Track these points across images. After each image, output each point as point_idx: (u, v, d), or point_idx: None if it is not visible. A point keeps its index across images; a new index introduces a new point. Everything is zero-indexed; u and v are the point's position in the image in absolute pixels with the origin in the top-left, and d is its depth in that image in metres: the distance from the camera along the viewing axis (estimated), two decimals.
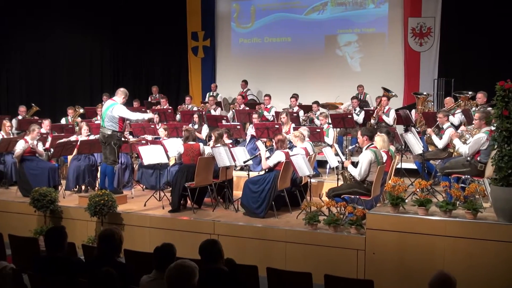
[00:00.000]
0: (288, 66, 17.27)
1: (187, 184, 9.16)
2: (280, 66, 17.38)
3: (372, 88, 14.93)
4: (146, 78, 19.00)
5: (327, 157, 9.52)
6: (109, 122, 9.44)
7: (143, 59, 18.85)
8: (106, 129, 9.46)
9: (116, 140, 9.56)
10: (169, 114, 14.33)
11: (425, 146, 10.40)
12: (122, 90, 9.73)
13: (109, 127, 9.45)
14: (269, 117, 13.88)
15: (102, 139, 9.54)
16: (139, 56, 18.82)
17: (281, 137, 9.21)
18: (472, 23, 14.58)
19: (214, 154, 9.25)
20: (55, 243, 5.22)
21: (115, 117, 9.43)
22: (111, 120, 9.44)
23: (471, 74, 14.45)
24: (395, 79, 15.60)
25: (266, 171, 9.20)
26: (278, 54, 17.49)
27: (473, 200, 7.36)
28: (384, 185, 8.14)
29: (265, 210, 8.80)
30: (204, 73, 18.53)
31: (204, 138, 12.88)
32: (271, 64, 17.51)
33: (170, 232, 8.64)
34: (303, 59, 17.13)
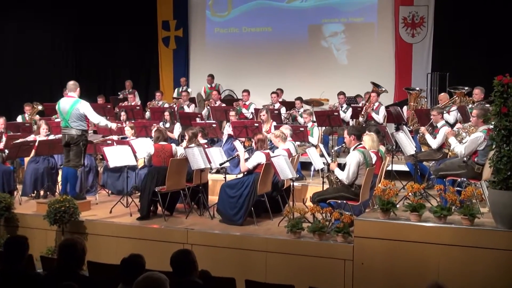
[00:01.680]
0: (269, 58, 17.28)
1: (157, 188, 9.11)
2: (259, 59, 17.38)
3: (360, 83, 15.00)
4: (112, 72, 18.89)
5: (312, 159, 9.54)
6: (76, 122, 9.36)
7: (108, 51, 18.72)
8: (74, 129, 9.36)
9: (85, 140, 9.49)
10: (137, 111, 14.26)
11: (417, 146, 10.47)
12: (73, 83, 9.63)
13: (77, 127, 9.37)
14: (247, 115, 13.88)
15: (70, 141, 9.43)
16: (104, 48, 18.68)
17: (261, 137, 9.21)
18: (469, 12, 14.71)
19: (188, 156, 9.22)
20: (14, 256, 5.15)
21: (83, 114, 9.37)
22: (79, 119, 9.37)
23: (468, 68, 14.57)
24: (385, 73, 15.69)
25: (244, 174, 9.19)
26: (258, 45, 17.49)
27: (470, 205, 7.41)
28: (374, 189, 8.18)
29: (244, 217, 8.79)
30: (176, 66, 18.46)
31: (176, 137, 12.83)
32: (250, 57, 17.51)
33: (139, 242, 8.59)
34: (285, 51, 17.15)
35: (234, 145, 10.87)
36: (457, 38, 14.98)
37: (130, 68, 18.70)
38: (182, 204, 9.77)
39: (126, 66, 18.73)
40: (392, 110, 12.76)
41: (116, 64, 18.85)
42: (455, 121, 11.31)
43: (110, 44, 18.65)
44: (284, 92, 15.38)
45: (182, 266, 4.75)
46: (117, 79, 18.06)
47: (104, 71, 18.99)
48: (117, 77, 18.22)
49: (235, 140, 11.47)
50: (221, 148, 10.39)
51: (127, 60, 18.75)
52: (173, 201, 9.53)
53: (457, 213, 7.38)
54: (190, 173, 9.55)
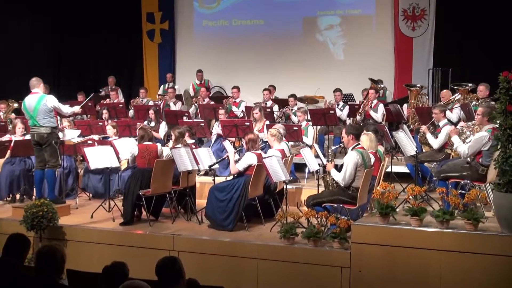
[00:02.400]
0: (260, 53, 17.29)
1: (141, 191, 9.10)
2: (250, 54, 17.40)
3: (358, 79, 15.04)
4: (94, 68, 18.83)
5: (306, 160, 9.55)
6: (45, 118, 9.33)
7: (89, 45, 18.67)
8: (43, 127, 9.33)
9: (56, 138, 9.46)
10: (120, 109, 14.23)
11: (418, 146, 10.50)
12: (36, 79, 9.60)
13: (46, 124, 9.33)
14: (238, 113, 13.88)
15: (40, 141, 9.40)
16: (85, 41, 18.63)
17: (252, 137, 9.21)
18: (473, 3, 14.77)
19: (174, 156, 9.21)
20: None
21: (51, 109, 9.33)
22: (47, 115, 9.33)
23: (472, 63, 14.64)
24: (384, 69, 15.73)
25: (234, 176, 9.18)
26: (249, 39, 17.50)
27: (474, 209, 7.43)
28: (372, 191, 8.20)
29: (234, 222, 8.79)
30: (162, 62, 18.45)
31: (162, 137, 12.81)
32: (240, 51, 17.51)
33: (122, 249, 8.57)
34: (278, 46, 17.16)
35: (224, 146, 10.86)
36: (461, 31, 15.04)
37: (112, 63, 18.66)
38: (168, 208, 9.74)
39: (108, 61, 18.69)
40: (391, 108, 12.79)
41: (97, 59, 18.81)
42: (458, 119, 11.33)
43: (91, 38, 18.61)
44: (277, 89, 15.39)
45: (168, 275, 4.75)
46: (98, 75, 18.00)
47: (85, 66, 18.94)
48: (99, 73, 18.17)
49: (225, 140, 11.47)
50: (209, 148, 10.39)
51: (109, 55, 18.71)
52: (158, 205, 9.52)
53: (460, 217, 7.40)
54: (176, 176, 9.53)
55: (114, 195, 10.48)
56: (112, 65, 18.55)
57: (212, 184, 9.40)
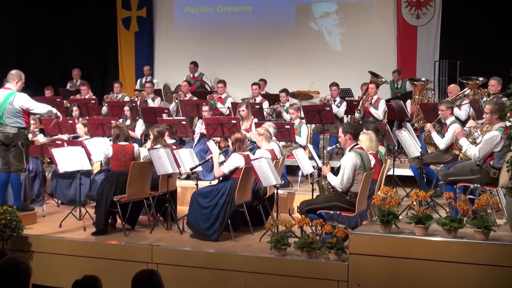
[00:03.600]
0: (249, 44, 17.29)
1: (116, 197, 9.08)
2: (238, 44, 17.38)
3: (356, 73, 15.06)
4: (63, 59, 18.75)
5: (299, 162, 9.56)
6: (11, 118, 9.28)
7: (58, 34, 18.58)
8: (9, 127, 9.29)
9: (24, 139, 9.42)
10: (93, 106, 14.18)
11: (423, 146, 10.53)
12: (14, 73, 9.53)
13: (12, 124, 9.29)
14: (223, 110, 13.87)
15: (5, 141, 9.36)
16: (53, 30, 18.54)
17: (239, 136, 9.21)
18: None
19: (152, 158, 9.20)
20: None
21: (18, 109, 9.29)
22: (14, 114, 9.28)
23: (482, 55, 14.69)
24: (386, 61, 15.76)
25: (220, 180, 9.18)
26: (236, 28, 17.50)
27: (485, 216, 7.47)
28: (372, 197, 8.22)
29: (219, 231, 8.79)
30: (139, 53, 18.40)
31: (138, 137, 12.79)
32: (227, 42, 17.49)
33: (94, 261, 8.54)
34: (268, 35, 17.17)
35: (208, 146, 10.86)
36: (470, 20, 15.08)
37: (84, 54, 18.58)
38: (145, 216, 9.74)
39: (78, 52, 18.59)
40: (393, 105, 12.82)
41: (67, 50, 18.70)
42: (467, 117, 11.38)
43: (60, 27, 18.51)
44: (267, 84, 15.39)
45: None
46: (68, 67, 17.91)
47: (53, 58, 18.83)
48: (68, 65, 18.08)
49: (209, 140, 11.46)
50: (192, 149, 10.38)
51: (80, 45, 18.60)
52: (135, 212, 9.50)
53: (469, 225, 7.43)
54: (155, 179, 9.52)
55: (86, 201, 10.45)
56: (83, 57, 18.47)
57: (195, 189, 9.37)
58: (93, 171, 10.69)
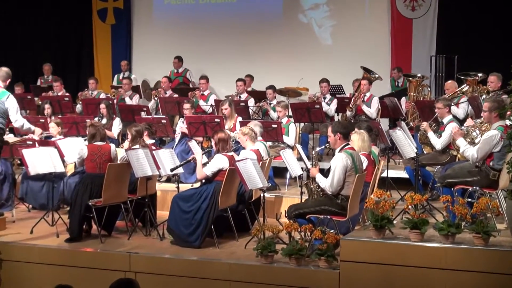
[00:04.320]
0: (233, 37, 17.29)
1: (91, 201, 9.06)
2: (221, 38, 17.37)
3: (348, 68, 15.10)
4: (34, 54, 18.67)
5: (287, 163, 9.57)
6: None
7: (28, 26, 18.51)
8: None
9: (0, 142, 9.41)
10: (66, 103, 14.14)
11: (419, 147, 10.57)
12: (4, 70, 9.53)
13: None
14: (206, 108, 13.87)
15: None
16: (23, 21, 18.46)
17: (222, 136, 9.21)
18: None
19: (130, 160, 9.18)
20: None
21: (5, 109, 9.29)
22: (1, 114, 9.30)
23: (481, 50, 14.75)
24: (379, 56, 15.82)
25: (202, 182, 9.18)
26: (219, 21, 17.49)
27: (484, 220, 7.49)
28: (365, 200, 8.24)
29: (202, 237, 8.78)
30: (116, 47, 18.37)
31: (115, 137, 12.77)
32: (209, 35, 17.47)
33: (68, 270, 8.52)
34: (253, 28, 17.18)
35: (189, 147, 10.85)
36: (468, 13, 15.14)
37: (56, 48, 18.54)
38: (123, 221, 9.72)
39: (51, 46, 18.55)
40: (387, 102, 12.86)
41: (38, 43, 18.63)
42: (465, 115, 11.44)
43: (30, 18, 18.44)
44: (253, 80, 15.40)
45: None
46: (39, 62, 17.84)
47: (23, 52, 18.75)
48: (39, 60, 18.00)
49: (190, 140, 11.46)
50: (172, 150, 10.37)
51: (53, 38, 18.58)
52: (111, 217, 9.48)
53: (468, 230, 7.46)
54: (133, 182, 9.51)
55: (59, 206, 10.41)
56: (56, 51, 18.42)
57: (176, 192, 9.38)
58: (67, 173, 10.66)
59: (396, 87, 14.90)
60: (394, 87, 15.08)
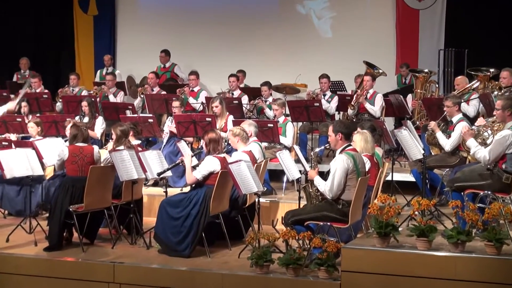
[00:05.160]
0: (225, 29, 17.28)
1: (72, 207, 9.05)
2: (213, 30, 17.37)
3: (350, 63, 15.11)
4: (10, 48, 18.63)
5: (284, 166, 9.56)
6: None
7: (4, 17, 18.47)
8: None
9: None
10: (45, 101, 14.12)
11: (426, 148, 10.58)
12: None
13: None
14: (196, 106, 13.86)
15: None
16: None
17: (214, 136, 9.20)
18: None
19: (114, 162, 9.17)
20: None
21: None
22: None
23: (493, 43, 14.77)
24: (383, 50, 15.84)
25: (192, 187, 9.18)
26: (210, 11, 17.49)
27: (496, 227, 7.50)
28: (368, 206, 8.24)
29: (191, 246, 8.78)
30: (99, 40, 18.36)
31: (98, 137, 12.75)
32: (200, 27, 17.47)
33: (47, 281, 8.53)
34: (248, 20, 17.19)
35: (178, 148, 10.84)
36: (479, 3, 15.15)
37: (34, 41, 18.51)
38: (106, 228, 9.72)
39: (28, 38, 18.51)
40: (392, 100, 12.87)
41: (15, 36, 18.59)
42: (476, 114, 11.44)
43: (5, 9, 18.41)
44: (247, 75, 15.40)
45: None
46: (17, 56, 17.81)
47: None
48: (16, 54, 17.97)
49: (179, 140, 11.45)
50: (160, 151, 10.36)
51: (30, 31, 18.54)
52: (94, 224, 9.48)
53: (479, 238, 7.46)
54: (117, 186, 9.51)
55: (37, 212, 10.40)
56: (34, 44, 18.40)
57: (164, 197, 9.38)
58: (46, 176, 10.64)
59: (404, 85, 14.88)
60: (401, 85, 15.06)
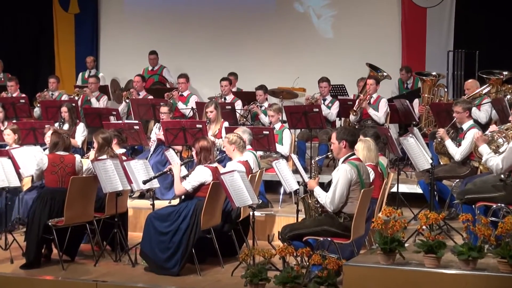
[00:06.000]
0: (218, 29, 17.32)
1: (51, 221, 9.04)
2: (204, 30, 17.41)
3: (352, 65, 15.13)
4: None
5: (281, 176, 9.57)
6: None
7: None
8: None
9: None
10: (22, 106, 14.11)
11: (435, 157, 10.59)
12: None
13: None
14: (186, 111, 13.86)
15: None
16: None
17: (205, 144, 9.20)
18: None
19: (97, 172, 9.17)
20: None
21: None
22: None
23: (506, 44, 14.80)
24: (388, 51, 15.87)
25: (181, 199, 9.17)
26: (201, 10, 17.52)
27: (510, 243, 7.51)
28: (372, 219, 8.24)
29: (181, 263, 8.77)
30: (81, 40, 18.37)
31: (79, 145, 12.74)
32: (190, 27, 17.51)
33: None
34: (242, 19, 17.22)
35: (166, 157, 10.84)
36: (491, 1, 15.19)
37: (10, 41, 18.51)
38: (88, 244, 9.72)
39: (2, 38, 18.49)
40: (397, 105, 12.88)
41: None
42: (488, 120, 11.45)
43: None
44: (241, 79, 15.41)
45: None
46: None
47: None
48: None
49: (168, 149, 11.44)
50: (146, 160, 10.36)
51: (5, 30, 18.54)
52: (75, 240, 9.47)
53: (491, 254, 7.46)
54: (100, 199, 9.50)
55: (13, 226, 10.39)
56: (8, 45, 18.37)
57: (151, 210, 9.38)
58: (23, 188, 10.63)
59: (406, 90, 14.88)
60: (403, 90, 15.04)
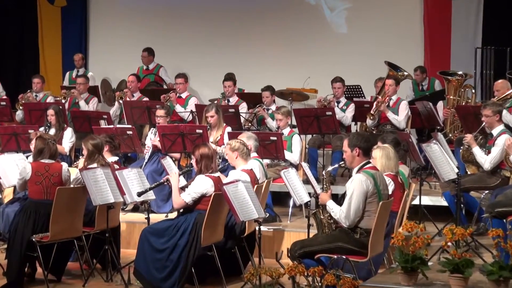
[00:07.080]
0: (219, 25, 17.34)
1: (35, 237, 9.05)
2: (204, 25, 17.43)
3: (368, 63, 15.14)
4: None
5: (290, 187, 9.57)
6: None
7: None
8: None
9: None
10: (3, 109, 14.15)
11: (461, 166, 10.57)
12: None
13: None
14: (184, 116, 13.87)
15: None
16: None
17: (206, 151, 9.20)
18: None
19: (86, 182, 9.16)
20: None
21: None
22: None
23: None
24: (409, 48, 15.88)
25: (180, 212, 9.17)
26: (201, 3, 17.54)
27: None
28: (391, 235, 8.23)
29: (179, 283, 8.79)
30: (68, 36, 18.40)
31: (67, 152, 12.75)
32: (188, 21, 17.54)
33: None
34: (247, 13, 17.26)
35: (163, 165, 10.84)
36: None
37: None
38: (77, 262, 9.72)
39: None
40: (420, 108, 12.87)
41: None
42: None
43: None
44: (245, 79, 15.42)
45: None
46: None
47: None
48: None
49: (164, 157, 11.44)
50: (141, 169, 10.37)
51: None
52: (62, 257, 9.48)
53: None
54: (90, 212, 9.51)
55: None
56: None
57: (146, 225, 9.38)
58: (4, 200, 10.64)
59: (421, 92, 14.81)
60: (418, 92, 14.96)
